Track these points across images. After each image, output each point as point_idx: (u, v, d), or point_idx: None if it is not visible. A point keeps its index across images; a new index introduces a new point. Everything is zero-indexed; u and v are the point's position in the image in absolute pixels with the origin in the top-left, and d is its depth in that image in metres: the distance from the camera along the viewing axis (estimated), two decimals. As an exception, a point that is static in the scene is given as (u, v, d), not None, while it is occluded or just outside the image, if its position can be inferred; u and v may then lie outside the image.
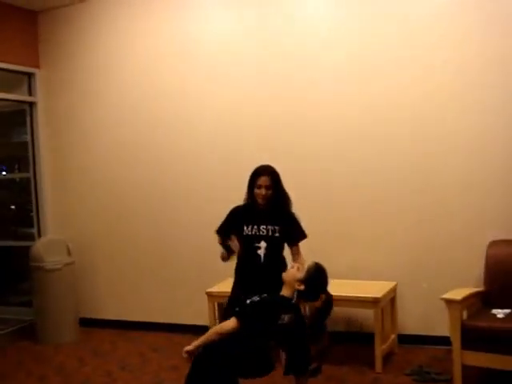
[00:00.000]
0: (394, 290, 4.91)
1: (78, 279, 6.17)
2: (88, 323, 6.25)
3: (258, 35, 5.48)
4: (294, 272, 3.33)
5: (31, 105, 6.46)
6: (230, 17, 5.61)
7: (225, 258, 3.99)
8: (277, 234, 3.88)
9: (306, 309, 3.36)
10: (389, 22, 5.01)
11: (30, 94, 6.47)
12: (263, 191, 3.82)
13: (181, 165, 5.85)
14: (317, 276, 3.29)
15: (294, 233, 3.96)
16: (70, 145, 6.43)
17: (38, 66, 6.46)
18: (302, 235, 3.98)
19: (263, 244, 3.87)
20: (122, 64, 6.09)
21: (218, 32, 5.64)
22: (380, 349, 4.53)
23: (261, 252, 3.87)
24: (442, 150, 4.89)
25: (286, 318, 3.20)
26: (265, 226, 3.87)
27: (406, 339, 5.00)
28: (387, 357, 4.70)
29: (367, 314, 4.80)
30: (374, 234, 5.14)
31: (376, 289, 4.72)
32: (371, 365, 4.55)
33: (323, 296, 3.32)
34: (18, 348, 5.80)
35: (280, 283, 3.48)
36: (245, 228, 3.91)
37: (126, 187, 6.14)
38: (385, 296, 4.68)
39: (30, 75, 6.45)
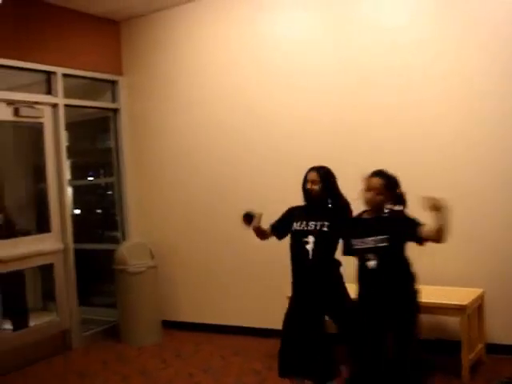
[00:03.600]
0: (481, 298, 4.72)
1: (161, 282, 6.28)
2: (171, 325, 6.36)
3: (336, 37, 5.41)
4: None
5: (115, 111, 6.65)
6: (308, 18, 5.56)
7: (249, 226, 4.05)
8: (325, 229, 3.83)
9: None
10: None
11: (114, 100, 6.65)
12: (309, 185, 3.90)
13: (259, 170, 5.85)
14: None
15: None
16: (151, 150, 6.57)
17: (121, 74, 6.64)
18: None
19: (311, 239, 3.85)
20: (202, 69, 6.15)
21: (296, 35, 5.61)
22: (467, 358, 4.36)
23: (309, 247, 3.84)
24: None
25: None
26: (314, 222, 3.86)
27: (494, 349, 4.78)
28: (474, 366, 4.52)
29: (453, 322, 4.65)
30: (460, 238, 4.95)
31: (462, 296, 4.55)
32: (457, 374, 4.39)
33: None
34: (102, 348, 5.96)
35: (328, 282, 3.83)
36: (294, 224, 3.95)
37: (207, 193, 6.19)
38: (471, 303, 4.50)
39: (113, 82, 6.63)
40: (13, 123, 5.98)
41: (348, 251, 3.70)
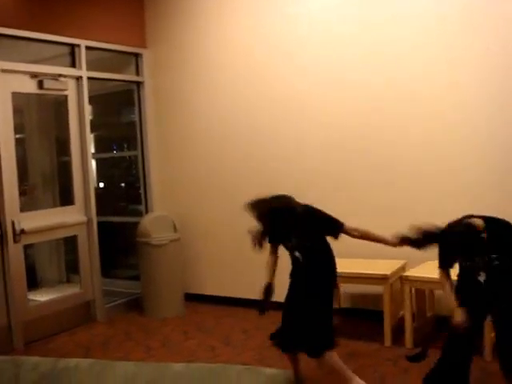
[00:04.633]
0: None
1: (184, 255, 6.30)
2: (193, 298, 6.39)
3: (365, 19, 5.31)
4: None
5: (138, 84, 6.62)
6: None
7: None
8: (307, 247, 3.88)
9: None
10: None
11: (138, 73, 6.62)
12: None
13: (284, 147, 5.82)
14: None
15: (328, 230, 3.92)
16: (175, 123, 6.55)
17: (145, 47, 6.60)
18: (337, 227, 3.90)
19: (298, 253, 3.90)
20: (228, 43, 6.09)
21: (328, 15, 5.50)
22: (489, 337, 4.29)
23: (299, 256, 3.90)
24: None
25: None
26: (294, 239, 3.90)
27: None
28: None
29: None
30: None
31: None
32: (480, 353, 4.30)
33: None
34: (126, 320, 6.02)
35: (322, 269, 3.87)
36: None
37: (231, 166, 6.18)
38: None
39: (137, 55, 6.60)
40: (37, 96, 6.01)
41: None
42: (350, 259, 4.18)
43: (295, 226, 3.86)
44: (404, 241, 3.74)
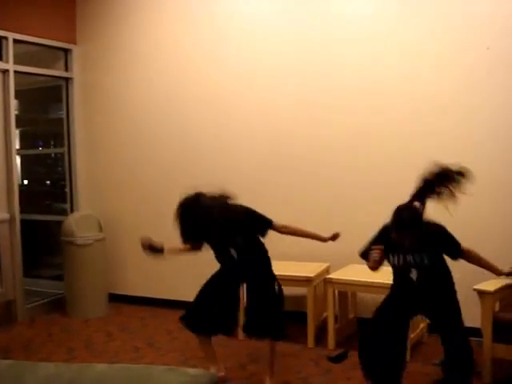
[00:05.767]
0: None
1: (109, 255, 6.23)
2: (117, 299, 6.32)
3: (298, 12, 5.40)
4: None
5: (67, 80, 6.50)
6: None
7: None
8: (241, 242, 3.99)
9: None
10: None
11: (67, 69, 6.50)
12: None
13: (215, 147, 5.85)
14: None
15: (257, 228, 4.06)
16: (103, 121, 6.46)
17: (74, 43, 6.48)
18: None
19: (234, 252, 3.97)
20: (161, 41, 6.06)
21: (258, 13, 5.59)
22: (408, 338, 4.45)
23: (234, 255, 3.98)
24: None
25: None
26: (228, 240, 3.96)
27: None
28: (415, 346, 4.62)
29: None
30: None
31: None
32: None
33: None
34: (48, 320, 5.89)
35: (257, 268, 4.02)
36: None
37: (158, 166, 6.15)
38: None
39: (66, 51, 6.47)
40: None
41: None
42: (274, 261, 4.22)
43: (225, 224, 3.89)
44: (335, 236, 4.00)
